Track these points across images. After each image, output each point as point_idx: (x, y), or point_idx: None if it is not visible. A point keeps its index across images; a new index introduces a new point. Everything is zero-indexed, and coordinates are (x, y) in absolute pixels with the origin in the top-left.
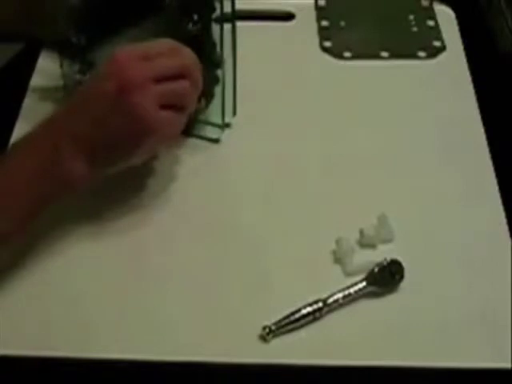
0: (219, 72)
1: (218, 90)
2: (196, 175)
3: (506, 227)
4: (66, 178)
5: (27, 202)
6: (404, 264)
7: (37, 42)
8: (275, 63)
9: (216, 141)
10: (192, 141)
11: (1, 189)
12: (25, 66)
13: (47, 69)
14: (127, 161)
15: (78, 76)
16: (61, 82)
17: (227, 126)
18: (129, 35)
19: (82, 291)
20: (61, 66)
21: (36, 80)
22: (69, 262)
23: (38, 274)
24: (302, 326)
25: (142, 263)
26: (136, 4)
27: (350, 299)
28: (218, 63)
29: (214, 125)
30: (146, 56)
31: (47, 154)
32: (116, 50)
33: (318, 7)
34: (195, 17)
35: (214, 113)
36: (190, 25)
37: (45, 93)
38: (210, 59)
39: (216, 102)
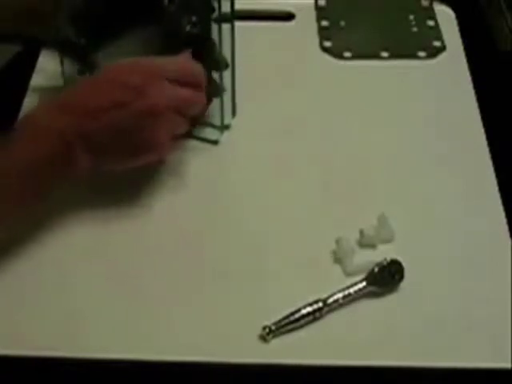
0: (218, 73)
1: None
2: (195, 177)
3: (506, 227)
4: (69, 172)
5: (29, 186)
6: (404, 264)
7: (37, 42)
8: (275, 63)
9: (215, 142)
10: (191, 142)
11: (3, 171)
12: (25, 65)
13: (47, 69)
14: (122, 167)
15: (78, 76)
16: (61, 82)
17: (226, 127)
18: (129, 36)
19: (81, 291)
20: (61, 65)
21: (36, 80)
22: (69, 262)
23: (37, 273)
24: (301, 326)
25: (142, 263)
26: (136, 5)
27: (350, 299)
28: (218, 64)
29: (213, 126)
30: (174, 79)
31: (54, 143)
32: (143, 61)
33: (318, 7)
34: (194, 18)
35: (213, 114)
36: (189, 26)
37: (45, 93)
38: (209, 60)
39: (215, 104)
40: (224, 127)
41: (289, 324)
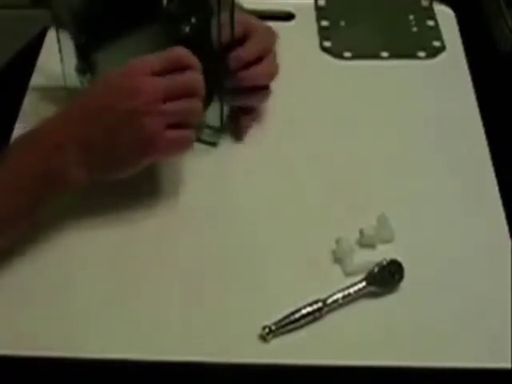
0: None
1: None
2: (194, 178)
3: (506, 227)
4: (66, 181)
5: (25, 200)
6: (404, 264)
7: (36, 42)
8: None
9: (214, 144)
10: None
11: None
12: (25, 65)
13: (47, 69)
14: (125, 172)
15: (78, 76)
16: (61, 82)
17: (225, 129)
18: (129, 36)
19: (80, 291)
20: (61, 65)
21: (36, 80)
22: (68, 261)
23: (36, 273)
24: (301, 326)
25: (142, 263)
26: (136, 6)
27: (349, 299)
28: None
29: (212, 128)
30: (160, 70)
31: (50, 155)
32: (130, 62)
33: (317, 7)
34: (193, 20)
35: (211, 116)
36: (188, 27)
37: (45, 93)
38: (208, 62)
39: (214, 106)
40: (223, 129)
41: (289, 324)
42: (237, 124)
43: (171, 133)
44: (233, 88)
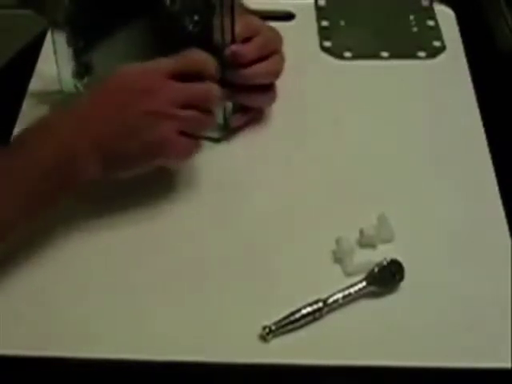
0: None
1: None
2: (196, 175)
3: (506, 227)
4: (77, 177)
5: (37, 192)
6: (404, 264)
7: (37, 42)
8: None
9: (217, 140)
10: None
11: (10, 177)
12: (24, 68)
13: (46, 72)
14: (134, 171)
15: (74, 81)
16: (58, 86)
17: (228, 126)
18: (122, 36)
19: (81, 291)
20: (57, 70)
21: (35, 84)
22: (69, 261)
23: (37, 273)
24: (301, 326)
25: (142, 262)
26: (131, 5)
27: (349, 299)
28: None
29: (216, 126)
30: (177, 74)
31: (63, 149)
32: (147, 63)
33: (318, 7)
34: (196, 17)
35: (216, 113)
36: (191, 26)
37: (43, 96)
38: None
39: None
40: (226, 126)
41: (289, 324)
42: (230, 121)
43: (183, 139)
44: (233, 85)
